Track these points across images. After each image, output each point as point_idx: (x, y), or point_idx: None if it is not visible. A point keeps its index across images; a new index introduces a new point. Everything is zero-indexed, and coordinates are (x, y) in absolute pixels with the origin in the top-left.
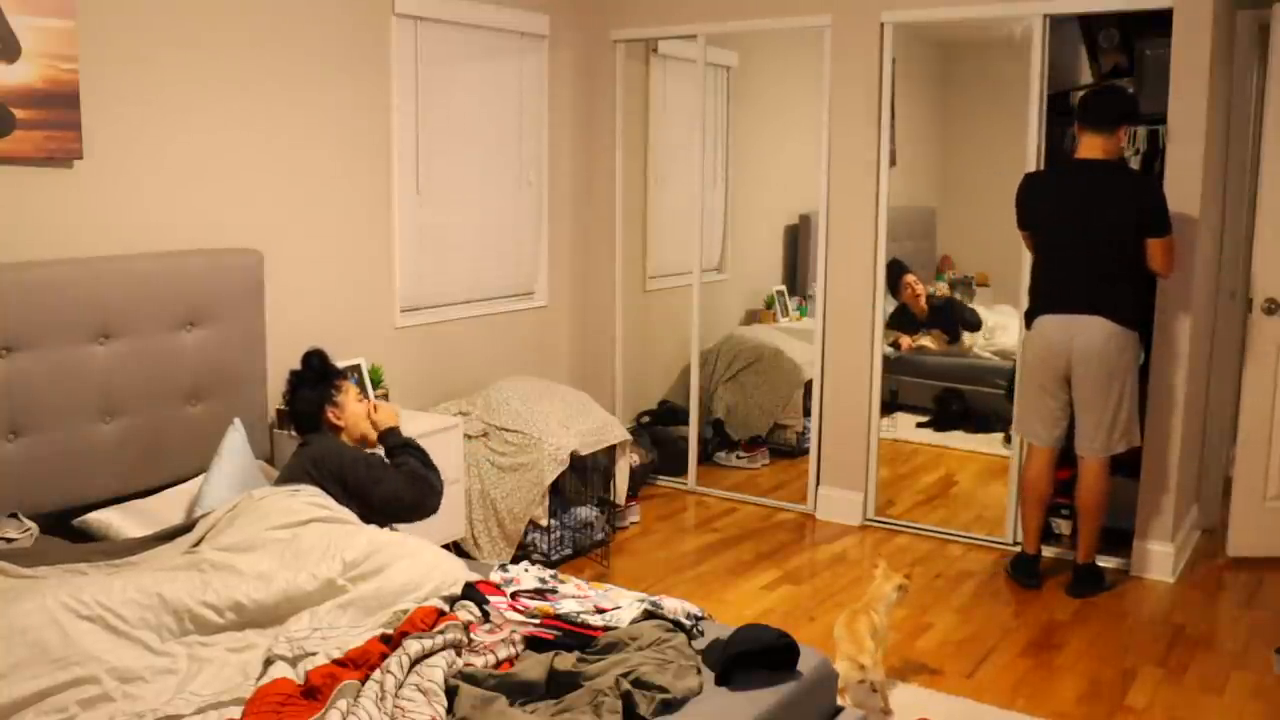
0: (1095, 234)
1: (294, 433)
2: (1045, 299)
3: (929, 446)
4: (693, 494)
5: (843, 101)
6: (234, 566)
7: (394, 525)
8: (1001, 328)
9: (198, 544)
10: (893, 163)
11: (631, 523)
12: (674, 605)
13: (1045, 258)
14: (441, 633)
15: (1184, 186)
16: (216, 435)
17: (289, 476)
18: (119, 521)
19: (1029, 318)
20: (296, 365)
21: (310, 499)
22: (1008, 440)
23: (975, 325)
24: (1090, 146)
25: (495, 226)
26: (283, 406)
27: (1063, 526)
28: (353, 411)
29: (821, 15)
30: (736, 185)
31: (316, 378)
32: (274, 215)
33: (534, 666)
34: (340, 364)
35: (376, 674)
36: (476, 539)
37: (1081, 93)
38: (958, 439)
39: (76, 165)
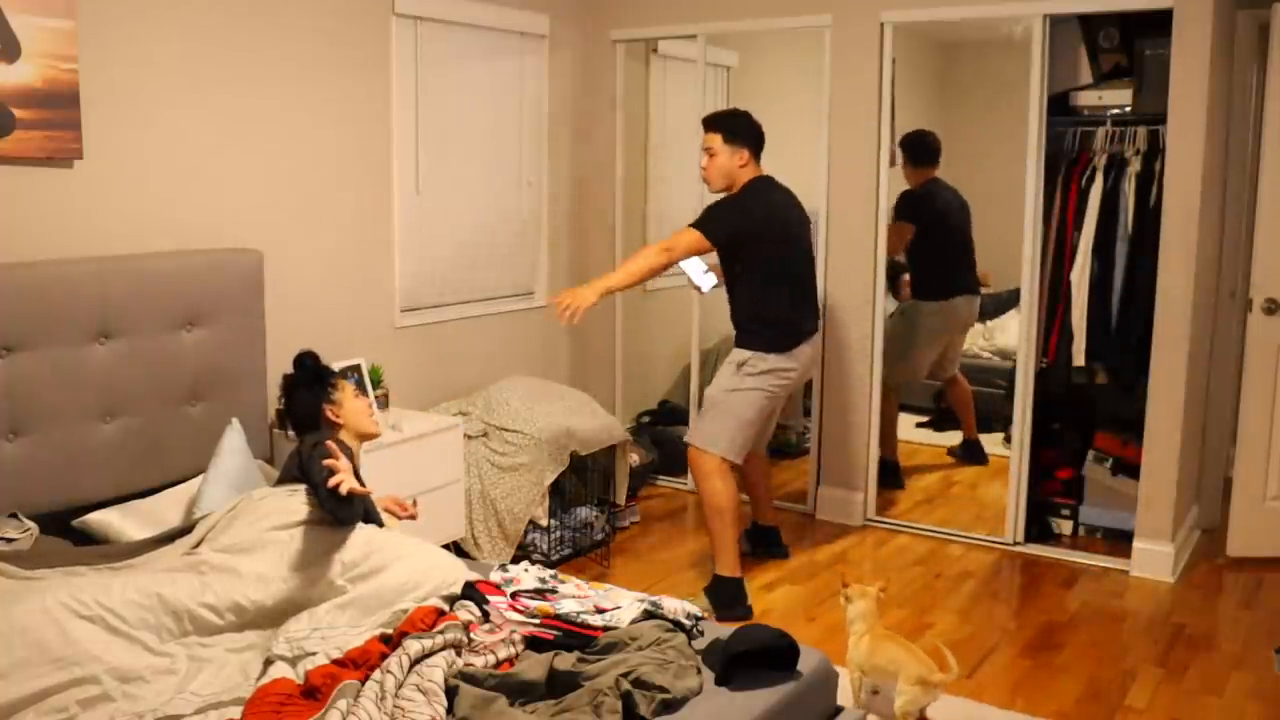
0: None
1: (291, 434)
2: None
3: (929, 446)
4: (693, 494)
5: (843, 101)
6: (233, 568)
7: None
8: (1001, 328)
9: (197, 545)
10: (892, 163)
11: (631, 523)
12: (674, 605)
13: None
14: (441, 633)
15: (1184, 186)
16: (216, 435)
17: (286, 476)
18: (119, 522)
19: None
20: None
21: (309, 499)
22: (1008, 440)
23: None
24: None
25: (495, 226)
26: (280, 408)
27: (1063, 527)
28: (351, 409)
29: (821, 15)
30: None
31: (312, 378)
32: (274, 215)
33: (534, 666)
34: (340, 364)
35: (376, 674)
36: (476, 539)
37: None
38: (958, 439)
39: (76, 165)
